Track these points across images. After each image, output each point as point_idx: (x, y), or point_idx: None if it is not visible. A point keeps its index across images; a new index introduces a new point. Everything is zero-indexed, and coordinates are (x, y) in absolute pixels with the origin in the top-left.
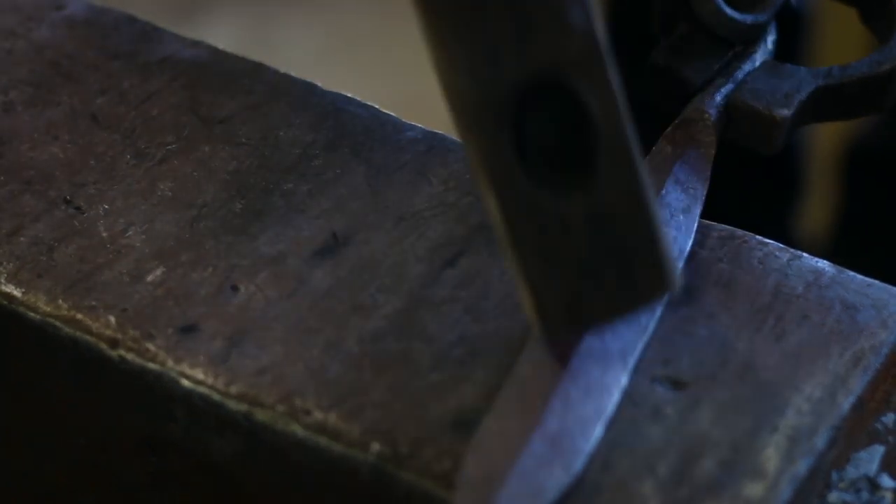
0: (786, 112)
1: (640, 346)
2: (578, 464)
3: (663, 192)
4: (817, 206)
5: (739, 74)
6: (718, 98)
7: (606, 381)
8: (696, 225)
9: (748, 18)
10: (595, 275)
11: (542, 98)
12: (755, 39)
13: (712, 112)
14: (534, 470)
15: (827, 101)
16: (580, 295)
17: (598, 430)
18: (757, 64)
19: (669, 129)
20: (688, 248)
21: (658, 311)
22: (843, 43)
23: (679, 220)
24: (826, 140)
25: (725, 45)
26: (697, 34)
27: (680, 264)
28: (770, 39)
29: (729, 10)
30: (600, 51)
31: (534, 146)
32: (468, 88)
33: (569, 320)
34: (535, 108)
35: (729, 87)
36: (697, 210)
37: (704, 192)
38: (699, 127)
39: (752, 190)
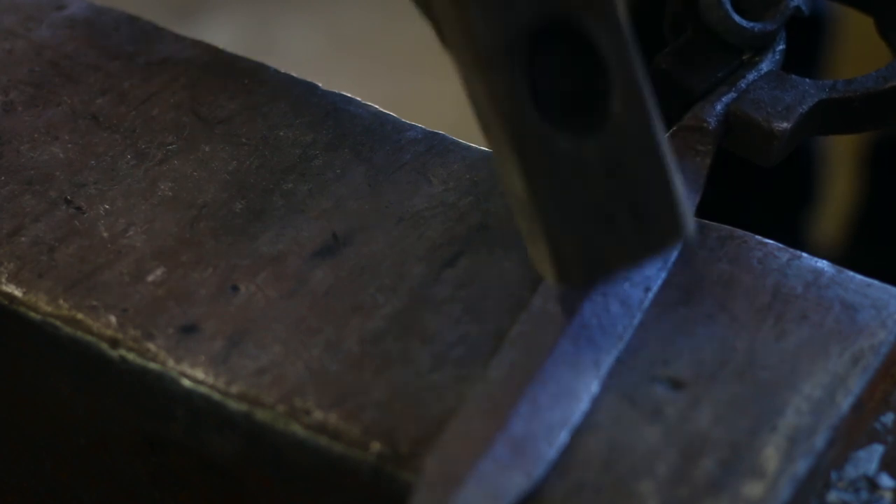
0: (784, 125)
1: (614, 354)
2: (540, 470)
3: None
4: (832, 207)
5: (743, 83)
6: (719, 107)
7: (577, 387)
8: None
9: (756, 27)
10: (609, 219)
11: (556, 41)
12: (762, 48)
13: (711, 120)
14: (494, 473)
15: (830, 115)
16: (595, 239)
17: (563, 437)
18: (762, 73)
19: (667, 134)
20: (673, 258)
21: (636, 320)
22: (863, 53)
23: None
24: (843, 138)
25: (731, 53)
26: (704, 40)
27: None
28: (778, 49)
29: (737, 18)
30: None
31: (547, 89)
32: (483, 31)
33: (584, 265)
34: (548, 51)
35: (730, 95)
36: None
37: (697, 201)
38: (697, 135)
39: (764, 191)
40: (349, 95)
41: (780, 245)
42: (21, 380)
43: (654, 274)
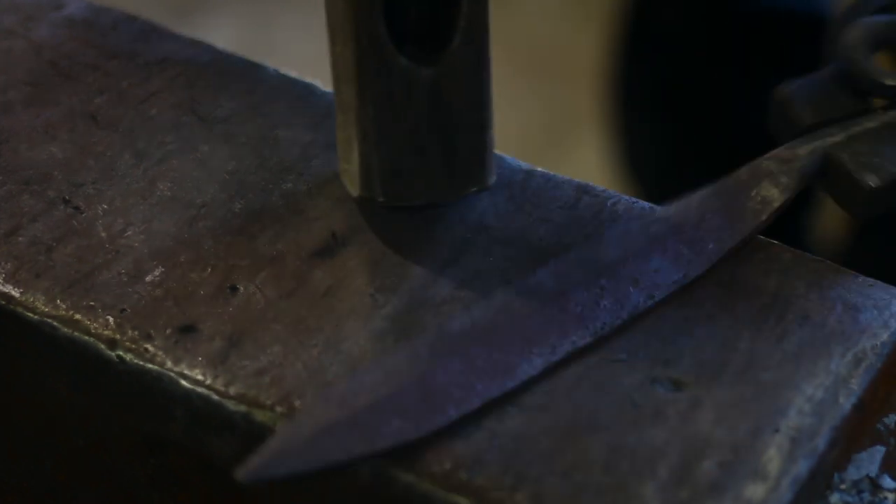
0: (873, 181)
1: (578, 346)
2: (430, 428)
3: (709, 215)
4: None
5: (856, 130)
6: (819, 146)
7: (518, 363)
8: (717, 258)
9: (892, 79)
10: (421, 149)
11: None
12: (893, 102)
13: (804, 157)
14: (386, 414)
15: None
16: (404, 162)
17: (474, 405)
18: (881, 125)
19: (759, 159)
20: (693, 276)
21: (620, 321)
22: None
23: (704, 247)
24: None
25: (859, 97)
26: (835, 77)
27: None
28: None
29: (881, 70)
30: None
31: (402, 8)
32: None
33: (387, 183)
34: None
35: (836, 138)
36: (729, 245)
37: (747, 233)
38: (785, 167)
39: None
40: None
41: (782, 245)
42: (19, 380)
43: (665, 284)
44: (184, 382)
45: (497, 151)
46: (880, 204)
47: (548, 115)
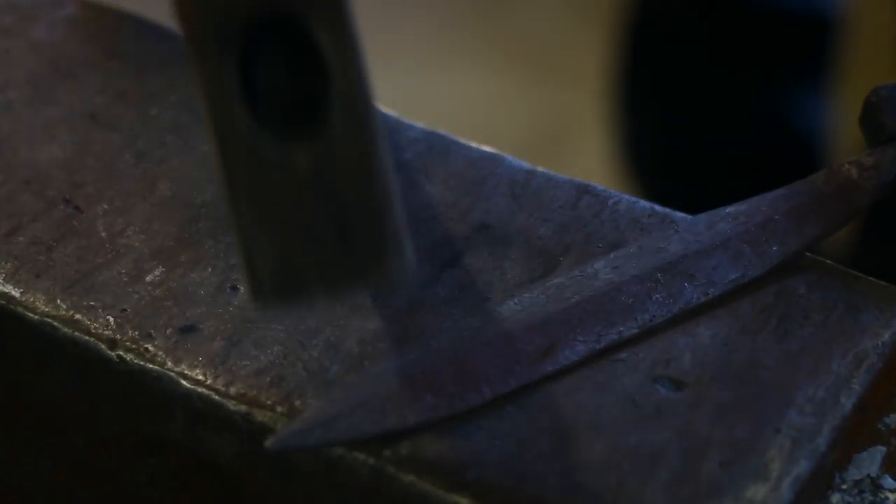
0: None
1: (624, 336)
2: (465, 404)
3: (777, 217)
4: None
5: None
6: None
7: (562, 347)
8: (779, 260)
9: None
10: (313, 238)
11: (276, 37)
12: None
13: (888, 167)
14: (423, 388)
15: None
16: (294, 258)
17: (509, 386)
18: None
19: (840, 163)
20: (752, 276)
21: (670, 315)
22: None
23: (768, 250)
24: (850, 142)
25: None
26: None
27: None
28: None
29: None
30: None
31: (263, 87)
32: (194, 14)
33: (278, 284)
34: (267, 47)
35: None
36: (794, 248)
37: (813, 239)
38: (866, 174)
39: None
40: None
41: None
42: (19, 380)
43: (721, 282)
44: (184, 382)
45: (498, 151)
46: None
47: (549, 115)
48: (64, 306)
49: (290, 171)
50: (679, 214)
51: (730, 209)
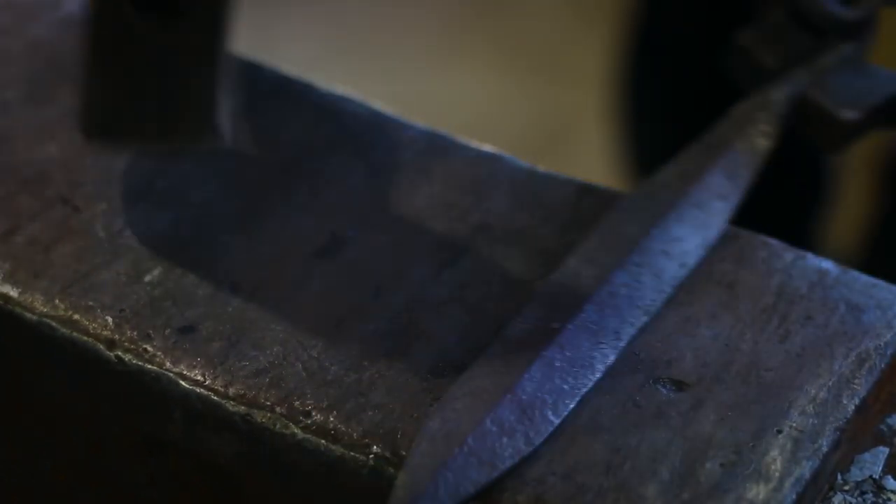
0: (852, 115)
1: (637, 326)
2: (541, 437)
3: (707, 173)
4: (846, 217)
5: (821, 68)
6: (790, 89)
7: (593, 356)
8: (728, 215)
9: (850, 14)
10: (143, 100)
11: None
12: (850, 34)
13: (780, 102)
14: (495, 435)
15: None
16: (123, 110)
17: (570, 406)
18: (843, 59)
19: (735, 109)
20: (714, 236)
21: (666, 294)
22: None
23: (713, 206)
24: (862, 144)
25: (816, 35)
26: (790, 20)
27: (701, 250)
28: (867, 36)
29: (831, 3)
30: None
31: None
32: None
33: (106, 126)
34: None
35: (805, 79)
36: (735, 199)
37: (748, 181)
38: (763, 115)
39: (779, 196)
40: (349, 95)
41: (785, 245)
42: (18, 381)
43: (692, 250)
44: (183, 383)
45: (498, 151)
46: (857, 135)
47: (549, 115)
48: (62, 306)
49: (143, 42)
50: None
51: (660, 177)
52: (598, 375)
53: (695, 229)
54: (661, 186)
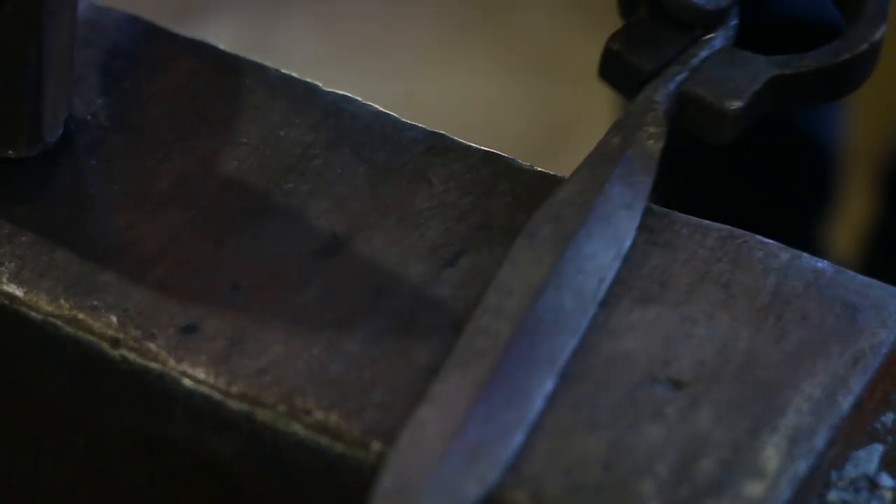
0: (736, 104)
1: (570, 349)
2: (494, 474)
3: (607, 185)
4: (847, 224)
5: (695, 62)
6: (670, 87)
7: (531, 386)
8: (637, 223)
9: (711, 3)
10: None
11: None
12: (715, 24)
13: (662, 102)
14: (449, 482)
15: (783, 91)
16: None
17: (518, 440)
18: (715, 50)
19: (619, 117)
20: (626, 246)
21: (591, 312)
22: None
23: (620, 216)
24: (864, 149)
25: (684, 31)
26: (655, 18)
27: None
28: (731, 24)
29: None
30: None
31: None
32: None
33: None
34: None
35: (682, 75)
36: (640, 206)
37: (650, 186)
38: (649, 117)
39: (780, 200)
40: (349, 95)
41: (781, 245)
42: (21, 379)
43: (607, 264)
44: (186, 382)
45: (498, 151)
46: (745, 122)
47: (550, 115)
48: (67, 306)
49: None
50: (678, 215)
51: (560, 195)
52: (539, 405)
53: (606, 243)
54: (564, 205)
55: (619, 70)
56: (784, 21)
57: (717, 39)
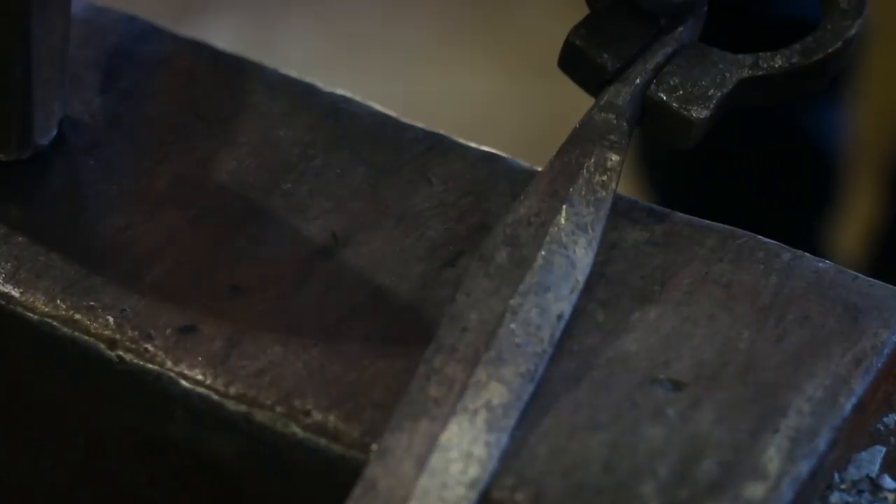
0: (703, 113)
1: (525, 398)
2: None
3: (565, 204)
4: (852, 226)
5: (660, 59)
6: (633, 91)
7: (487, 440)
8: (595, 248)
9: None
10: None
11: None
12: (683, 16)
13: (625, 108)
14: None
15: (751, 91)
16: None
17: (472, 495)
18: (681, 45)
19: (579, 124)
20: (584, 278)
21: (546, 357)
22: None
23: (578, 242)
24: (869, 149)
25: (648, 22)
26: (618, 9)
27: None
28: (699, 13)
29: None
30: None
31: None
32: None
33: None
34: None
35: (646, 77)
36: (600, 226)
37: (609, 202)
38: (609, 125)
39: (783, 201)
40: (349, 95)
41: (783, 245)
42: (19, 380)
43: (564, 297)
44: (184, 382)
45: (498, 151)
46: (710, 126)
47: (549, 116)
48: (64, 306)
49: None
50: (679, 216)
51: (517, 213)
52: (495, 462)
53: (565, 274)
54: (521, 225)
55: (580, 65)
56: (789, 24)
57: (685, 32)
